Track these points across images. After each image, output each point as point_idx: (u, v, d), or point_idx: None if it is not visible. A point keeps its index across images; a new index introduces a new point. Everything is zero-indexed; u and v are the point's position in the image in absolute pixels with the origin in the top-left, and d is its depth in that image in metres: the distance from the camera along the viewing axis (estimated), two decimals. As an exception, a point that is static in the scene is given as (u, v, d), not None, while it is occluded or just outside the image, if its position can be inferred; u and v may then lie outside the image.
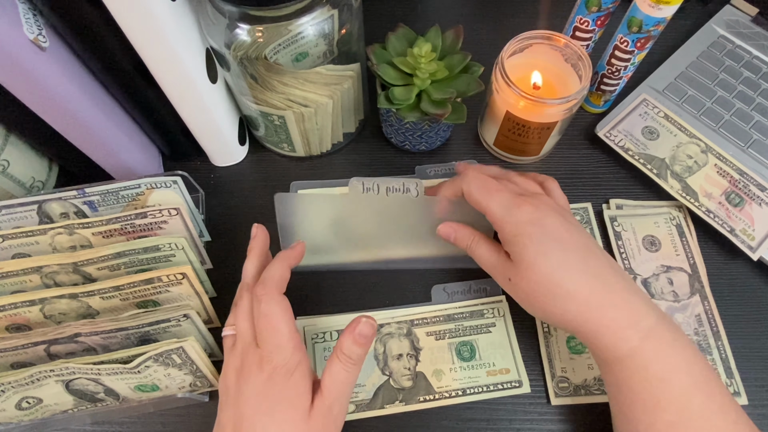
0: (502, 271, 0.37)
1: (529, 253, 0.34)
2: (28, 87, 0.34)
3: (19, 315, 0.37)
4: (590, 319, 0.33)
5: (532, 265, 0.34)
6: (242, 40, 0.36)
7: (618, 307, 0.33)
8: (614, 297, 0.33)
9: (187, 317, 0.36)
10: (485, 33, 0.55)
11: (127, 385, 0.36)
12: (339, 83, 0.42)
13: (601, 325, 0.33)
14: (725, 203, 0.44)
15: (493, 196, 0.36)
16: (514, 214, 0.35)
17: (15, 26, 0.31)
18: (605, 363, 0.34)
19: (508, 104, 0.42)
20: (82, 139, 0.40)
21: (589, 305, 0.33)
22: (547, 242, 0.34)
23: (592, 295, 0.33)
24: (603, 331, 0.33)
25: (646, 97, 0.48)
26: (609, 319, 0.33)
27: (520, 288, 0.35)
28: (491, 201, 0.36)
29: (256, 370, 0.32)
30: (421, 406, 0.39)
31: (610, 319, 0.33)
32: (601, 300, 0.33)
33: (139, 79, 0.38)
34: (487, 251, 0.38)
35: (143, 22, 0.32)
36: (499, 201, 0.36)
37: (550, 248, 0.34)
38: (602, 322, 0.33)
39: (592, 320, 0.33)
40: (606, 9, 0.45)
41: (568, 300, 0.33)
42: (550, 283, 0.34)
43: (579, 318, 0.33)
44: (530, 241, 0.34)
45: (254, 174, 0.49)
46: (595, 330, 0.33)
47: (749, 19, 0.53)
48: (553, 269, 0.34)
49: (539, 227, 0.35)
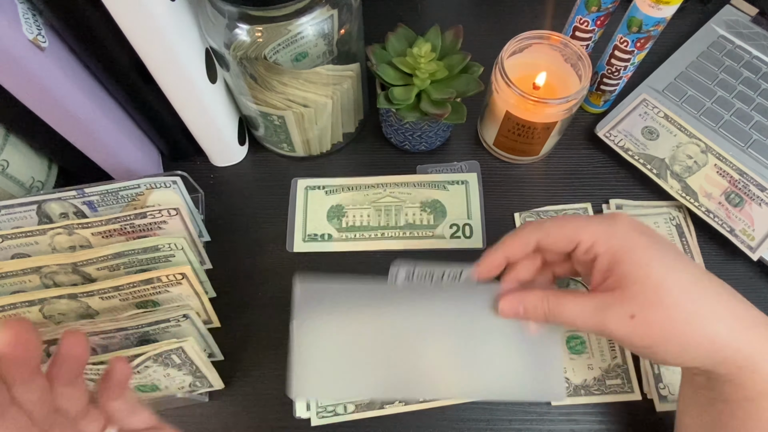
0: (613, 312, 0.27)
1: (654, 269, 0.27)
2: (27, 87, 0.34)
3: (18, 315, 0.37)
4: (745, 342, 0.26)
5: (662, 283, 0.27)
6: (242, 40, 0.36)
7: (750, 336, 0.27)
8: (755, 312, 0.27)
9: (186, 317, 0.36)
10: (485, 33, 0.55)
11: (127, 386, 0.36)
12: (339, 83, 0.42)
13: (757, 350, 0.26)
14: (725, 203, 0.44)
15: (578, 219, 0.30)
16: (612, 224, 0.28)
17: (14, 26, 0.31)
18: (747, 399, 0.27)
19: (507, 104, 0.42)
20: (82, 139, 0.40)
21: (739, 325, 0.27)
22: (669, 254, 0.28)
23: (736, 312, 0.27)
24: (740, 363, 0.26)
25: (646, 97, 0.48)
26: (748, 350, 0.26)
27: (652, 320, 0.27)
28: (580, 220, 0.29)
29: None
30: (420, 406, 0.39)
31: (750, 351, 0.26)
32: (748, 317, 0.27)
33: (138, 79, 0.38)
34: (576, 302, 0.29)
35: (143, 22, 0.32)
36: (587, 219, 0.30)
37: (675, 261, 0.27)
38: (758, 345, 0.27)
39: (747, 344, 0.26)
40: (606, 9, 0.45)
41: (716, 322, 0.27)
42: (690, 303, 0.27)
43: (733, 343, 0.26)
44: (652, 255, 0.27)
45: (254, 174, 0.49)
46: (751, 356, 0.26)
47: (749, 19, 0.53)
48: (690, 284, 0.27)
49: (649, 235, 0.28)
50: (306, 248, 0.45)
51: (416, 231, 0.46)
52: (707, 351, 0.27)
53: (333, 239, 0.45)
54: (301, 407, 0.39)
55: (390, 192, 0.47)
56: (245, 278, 0.44)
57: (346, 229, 0.46)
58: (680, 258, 0.28)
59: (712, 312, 0.27)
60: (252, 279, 0.44)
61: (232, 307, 0.43)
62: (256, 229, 0.47)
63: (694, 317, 0.27)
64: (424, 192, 0.47)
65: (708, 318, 0.27)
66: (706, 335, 0.27)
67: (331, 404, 0.39)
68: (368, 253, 0.45)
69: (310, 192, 0.47)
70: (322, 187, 0.48)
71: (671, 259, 0.27)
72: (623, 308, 0.27)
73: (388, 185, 0.47)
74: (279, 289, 0.44)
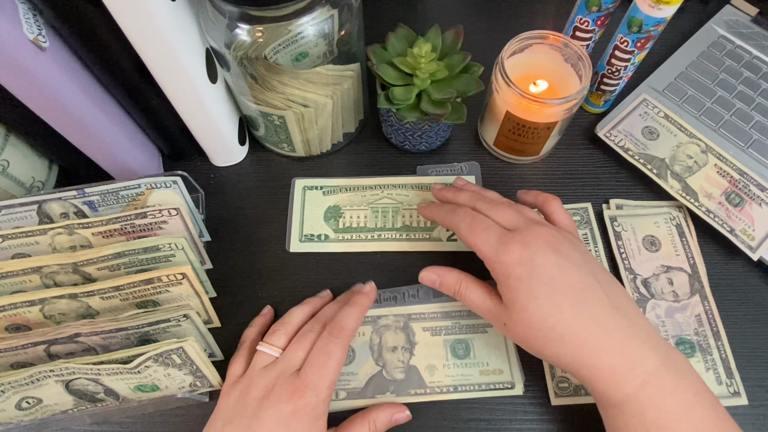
0: (496, 315, 0.35)
1: (520, 296, 0.33)
2: (27, 87, 0.34)
3: (18, 315, 0.37)
4: (585, 364, 0.32)
5: (524, 309, 0.33)
6: (242, 40, 0.36)
7: (614, 352, 0.32)
8: (612, 341, 0.32)
9: (187, 317, 0.36)
10: (485, 33, 0.55)
11: (127, 386, 0.36)
12: (339, 83, 0.42)
13: (595, 370, 0.32)
14: (725, 203, 0.44)
15: (480, 236, 0.35)
16: (501, 255, 0.34)
17: (15, 26, 0.31)
18: (602, 407, 0.33)
19: (508, 104, 0.42)
20: (82, 139, 0.40)
21: (584, 350, 0.32)
22: (537, 284, 0.33)
23: (588, 339, 0.32)
24: (597, 375, 0.32)
25: (646, 97, 0.48)
26: (604, 364, 0.31)
27: (516, 332, 0.34)
28: (478, 240, 0.35)
29: (286, 398, 0.33)
30: (411, 399, 0.39)
31: (606, 365, 0.31)
32: (598, 345, 0.32)
33: (138, 79, 0.38)
34: (478, 296, 0.36)
35: (143, 22, 0.32)
36: (486, 240, 0.35)
37: (540, 291, 0.33)
38: (597, 367, 0.32)
39: (587, 365, 0.32)
40: (606, 9, 0.45)
41: (562, 344, 0.32)
42: (543, 327, 0.32)
43: (575, 363, 0.32)
44: (520, 284, 0.33)
45: (254, 174, 0.49)
46: (589, 375, 0.32)
47: (749, 19, 0.53)
48: (546, 313, 0.32)
49: (529, 268, 0.33)
50: (302, 248, 0.45)
51: (413, 233, 0.46)
52: (557, 363, 0.33)
53: (330, 240, 0.45)
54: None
55: (387, 193, 0.47)
56: (246, 278, 0.44)
57: (343, 230, 0.46)
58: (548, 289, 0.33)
59: (560, 336, 0.32)
60: (252, 278, 0.44)
61: (233, 306, 0.43)
62: (256, 228, 0.47)
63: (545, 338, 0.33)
64: (422, 194, 0.47)
65: (555, 340, 0.32)
66: (552, 351, 0.33)
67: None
68: (365, 255, 0.45)
69: (308, 192, 0.47)
70: (319, 187, 0.48)
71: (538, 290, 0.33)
72: (501, 316, 0.35)
73: (386, 186, 0.47)
74: (279, 289, 0.44)
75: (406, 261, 0.45)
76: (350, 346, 0.41)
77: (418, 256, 0.45)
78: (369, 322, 0.42)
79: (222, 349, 0.41)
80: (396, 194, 0.47)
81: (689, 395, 0.31)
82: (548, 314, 0.32)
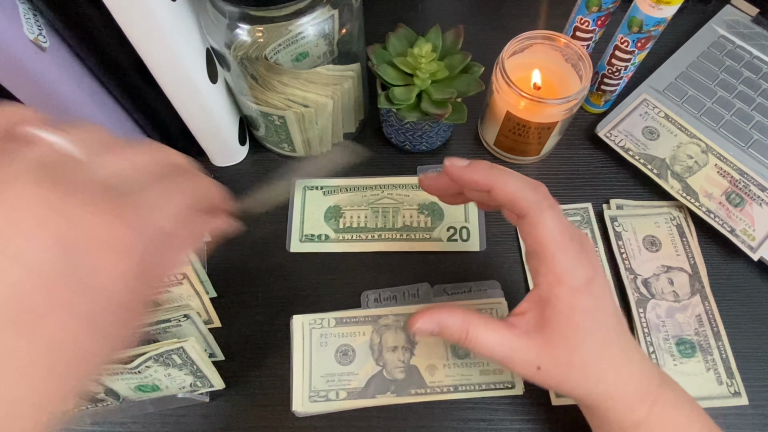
0: (525, 358, 0.28)
1: (578, 333, 0.28)
2: (28, 87, 0.34)
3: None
4: (611, 395, 0.29)
5: (578, 347, 0.28)
6: (242, 40, 0.36)
7: (635, 379, 0.30)
8: (632, 367, 0.30)
9: (187, 317, 0.36)
10: (485, 33, 0.55)
11: (128, 385, 0.36)
12: (339, 83, 0.42)
13: (614, 400, 0.29)
14: (726, 203, 0.44)
15: (559, 223, 0.28)
16: (576, 273, 0.27)
17: (15, 26, 0.31)
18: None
19: (508, 104, 0.42)
20: (83, 139, 0.40)
21: (617, 384, 0.29)
22: (600, 317, 0.28)
23: (620, 371, 0.29)
24: (614, 405, 0.29)
25: (647, 97, 0.48)
26: (626, 392, 0.29)
27: (553, 375, 0.28)
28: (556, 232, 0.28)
29: None
30: (412, 399, 0.39)
31: (628, 393, 0.29)
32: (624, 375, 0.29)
33: (139, 80, 0.38)
34: (497, 338, 0.29)
35: (143, 22, 0.32)
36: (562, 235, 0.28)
37: (599, 325, 0.28)
38: (615, 397, 0.29)
39: (612, 397, 0.29)
40: (606, 9, 0.45)
41: (600, 382, 0.29)
42: (591, 365, 0.28)
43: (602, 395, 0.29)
44: (584, 317, 0.27)
45: (255, 174, 0.49)
46: (604, 405, 0.30)
47: (749, 19, 0.53)
48: (598, 351, 0.28)
49: (593, 297, 0.28)
50: (303, 249, 0.45)
51: (413, 233, 0.46)
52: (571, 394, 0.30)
53: (330, 240, 0.45)
54: (296, 401, 0.39)
55: (388, 193, 0.47)
56: (246, 278, 0.44)
57: (343, 230, 0.46)
58: (604, 325, 0.29)
59: (601, 374, 0.29)
60: (253, 279, 0.44)
61: (233, 306, 0.43)
62: (256, 228, 0.47)
63: (583, 378, 0.29)
64: (422, 194, 0.47)
65: (593, 380, 0.29)
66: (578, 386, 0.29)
67: (323, 389, 0.40)
68: (365, 255, 0.45)
69: (308, 192, 0.47)
70: (320, 187, 0.48)
71: (597, 326, 0.28)
72: (536, 357, 0.28)
73: (386, 186, 0.47)
74: (280, 289, 0.44)
75: (406, 261, 0.45)
76: (350, 345, 0.41)
77: (419, 256, 0.45)
78: (369, 322, 0.42)
79: (222, 349, 0.41)
80: (396, 194, 0.47)
81: (687, 407, 0.31)
82: (599, 352, 0.28)
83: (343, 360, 0.40)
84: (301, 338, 0.41)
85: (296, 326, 0.42)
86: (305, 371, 0.40)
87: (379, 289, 0.43)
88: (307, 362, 0.40)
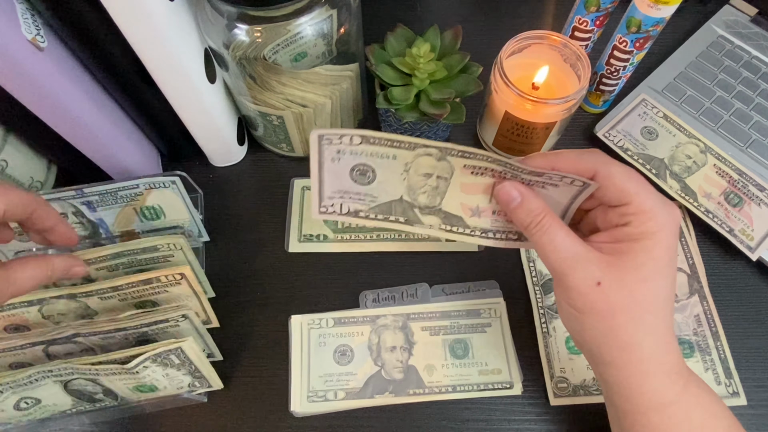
0: (586, 266, 0.27)
1: (652, 267, 0.27)
2: (26, 87, 0.34)
3: (17, 315, 0.37)
4: (646, 349, 0.28)
5: (648, 280, 0.27)
6: (241, 40, 0.36)
7: (671, 347, 0.28)
8: (673, 338, 0.28)
9: (185, 318, 0.36)
10: (484, 33, 0.55)
11: (126, 386, 0.36)
12: (338, 83, 0.42)
13: (650, 363, 0.28)
14: (724, 203, 0.44)
15: (640, 180, 0.28)
16: (666, 210, 0.28)
17: (13, 26, 0.31)
18: (636, 412, 0.29)
19: (507, 104, 0.42)
20: (81, 140, 0.40)
21: (660, 345, 0.28)
22: (673, 264, 0.28)
23: (666, 334, 0.28)
24: (654, 371, 0.28)
25: (645, 97, 0.48)
26: (662, 359, 0.28)
27: (609, 299, 0.27)
28: (639, 184, 0.28)
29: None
30: (410, 399, 0.39)
31: (663, 361, 0.28)
32: (665, 334, 0.28)
33: (137, 80, 0.38)
34: (565, 237, 0.28)
35: (141, 22, 0.32)
36: (648, 188, 0.28)
37: (669, 272, 0.28)
38: (653, 360, 0.28)
39: (646, 354, 0.28)
40: (605, 9, 0.45)
41: (647, 335, 0.27)
42: (649, 308, 0.27)
43: (635, 344, 0.28)
44: (664, 254, 0.27)
45: (253, 174, 0.49)
46: (645, 371, 0.28)
47: (748, 19, 0.53)
48: (661, 297, 0.27)
49: (674, 243, 0.28)
50: (302, 249, 0.45)
51: (412, 233, 0.45)
52: (612, 348, 0.28)
53: (329, 240, 0.45)
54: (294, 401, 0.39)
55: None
56: (244, 278, 0.44)
57: (342, 230, 0.46)
58: (672, 268, 0.28)
59: (652, 321, 0.27)
60: (251, 279, 0.44)
61: (232, 307, 0.43)
62: (255, 229, 0.47)
63: (637, 318, 0.27)
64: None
65: (643, 324, 0.27)
66: (628, 334, 0.27)
67: (322, 389, 0.40)
68: (364, 255, 0.45)
69: (307, 192, 0.47)
70: None
71: (670, 264, 0.28)
72: (600, 270, 0.27)
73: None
74: (278, 289, 0.44)
75: (405, 261, 0.45)
76: (349, 345, 0.41)
77: (417, 256, 0.45)
78: (368, 322, 0.42)
79: (221, 350, 0.41)
80: (395, 194, 0.47)
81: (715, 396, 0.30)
82: (661, 298, 0.27)
83: (342, 360, 0.40)
84: (299, 338, 0.41)
85: (294, 326, 0.42)
86: (303, 371, 0.40)
87: (377, 290, 0.43)
88: (305, 362, 0.40)
